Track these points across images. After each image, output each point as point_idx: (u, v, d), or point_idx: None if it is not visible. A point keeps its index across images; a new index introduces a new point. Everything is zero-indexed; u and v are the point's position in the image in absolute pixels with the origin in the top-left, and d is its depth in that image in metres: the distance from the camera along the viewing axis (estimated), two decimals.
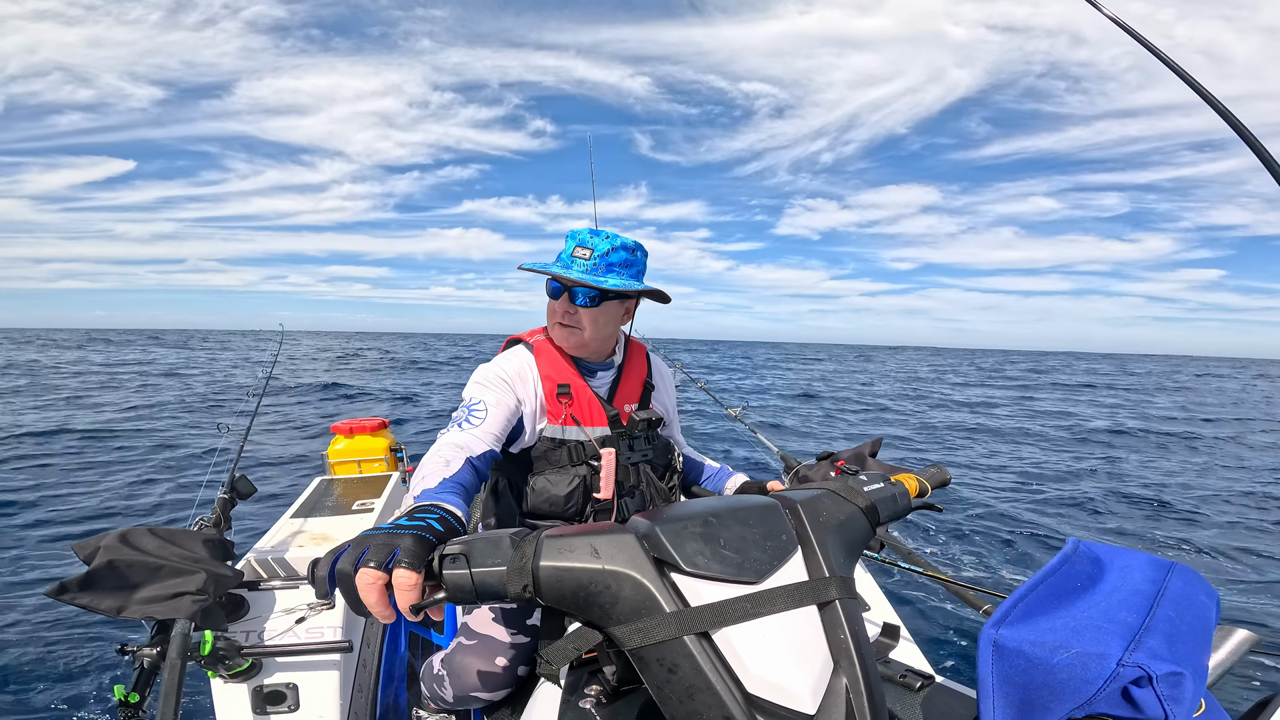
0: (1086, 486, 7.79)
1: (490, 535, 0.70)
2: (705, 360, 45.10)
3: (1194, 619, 0.58)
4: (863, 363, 54.53)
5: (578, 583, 0.65)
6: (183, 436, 9.44)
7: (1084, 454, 10.40)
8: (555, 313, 1.44)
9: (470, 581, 0.67)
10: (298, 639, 1.49)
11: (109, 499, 6.22)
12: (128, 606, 1.20)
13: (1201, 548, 5.56)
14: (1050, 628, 0.56)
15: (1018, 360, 65.60)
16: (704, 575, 0.65)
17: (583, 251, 1.41)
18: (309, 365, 19.61)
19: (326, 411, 12.26)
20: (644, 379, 1.61)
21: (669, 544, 0.67)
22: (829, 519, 0.76)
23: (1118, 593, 0.60)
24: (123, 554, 1.29)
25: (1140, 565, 0.66)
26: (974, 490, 7.27)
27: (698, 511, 0.72)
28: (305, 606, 1.56)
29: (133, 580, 1.25)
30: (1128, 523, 6.33)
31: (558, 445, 1.42)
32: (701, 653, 0.60)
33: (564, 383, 1.44)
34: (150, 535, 1.39)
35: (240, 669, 1.39)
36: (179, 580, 1.28)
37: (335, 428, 3.17)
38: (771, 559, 0.68)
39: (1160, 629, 0.54)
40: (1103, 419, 15.50)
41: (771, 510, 0.74)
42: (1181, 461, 10.00)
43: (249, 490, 2.30)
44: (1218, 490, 7.86)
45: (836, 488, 0.84)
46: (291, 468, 7.55)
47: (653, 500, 1.51)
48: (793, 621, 0.64)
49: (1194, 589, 0.62)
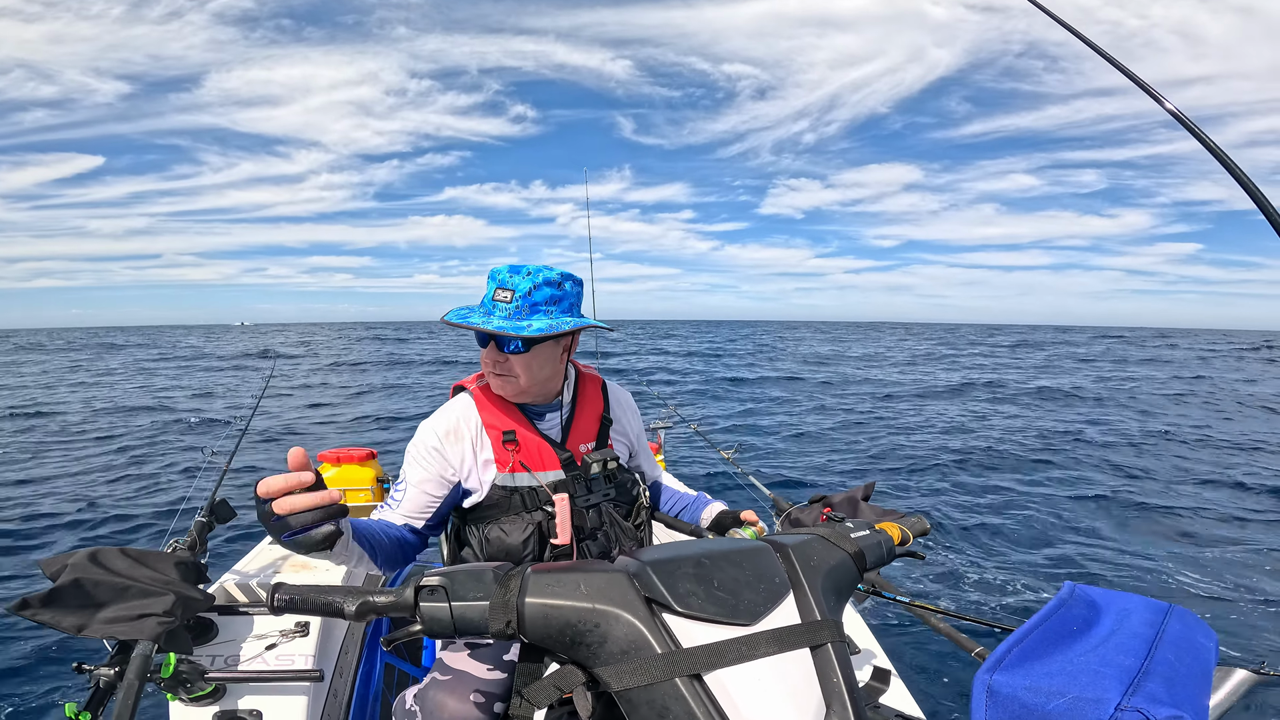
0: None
1: (472, 568, 0.68)
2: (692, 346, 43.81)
3: (1193, 661, 0.57)
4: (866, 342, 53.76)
5: (565, 621, 0.63)
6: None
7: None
8: (487, 363, 1.37)
9: (449, 615, 0.65)
10: (266, 665, 1.44)
11: (77, 513, 6.11)
12: (89, 625, 1.16)
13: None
14: (1046, 673, 0.55)
15: (1007, 333, 66.24)
16: (697, 616, 0.63)
17: (503, 294, 1.32)
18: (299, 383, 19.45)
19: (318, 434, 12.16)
20: (600, 413, 1.53)
21: (661, 584, 0.65)
22: (820, 563, 0.76)
23: (1115, 636, 0.59)
24: (90, 572, 1.25)
25: (1137, 609, 0.65)
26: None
27: (690, 553, 0.71)
28: (278, 633, 1.51)
29: (98, 599, 1.21)
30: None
31: (509, 493, 1.36)
32: (694, 695, 0.58)
33: (509, 429, 1.39)
34: (121, 556, 1.35)
35: (203, 693, 1.34)
36: (146, 601, 1.24)
37: (322, 456, 3.12)
38: (765, 601, 0.67)
39: (1159, 672, 0.53)
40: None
41: (763, 553, 0.74)
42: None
43: (228, 515, 2.25)
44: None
45: (825, 533, 0.84)
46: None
47: (618, 541, 1.46)
48: (786, 664, 0.63)
49: (1192, 631, 0.61)
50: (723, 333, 74.63)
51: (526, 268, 1.34)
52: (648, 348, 40.96)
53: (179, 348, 40.71)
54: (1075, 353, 35.52)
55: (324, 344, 44.78)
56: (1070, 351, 36.30)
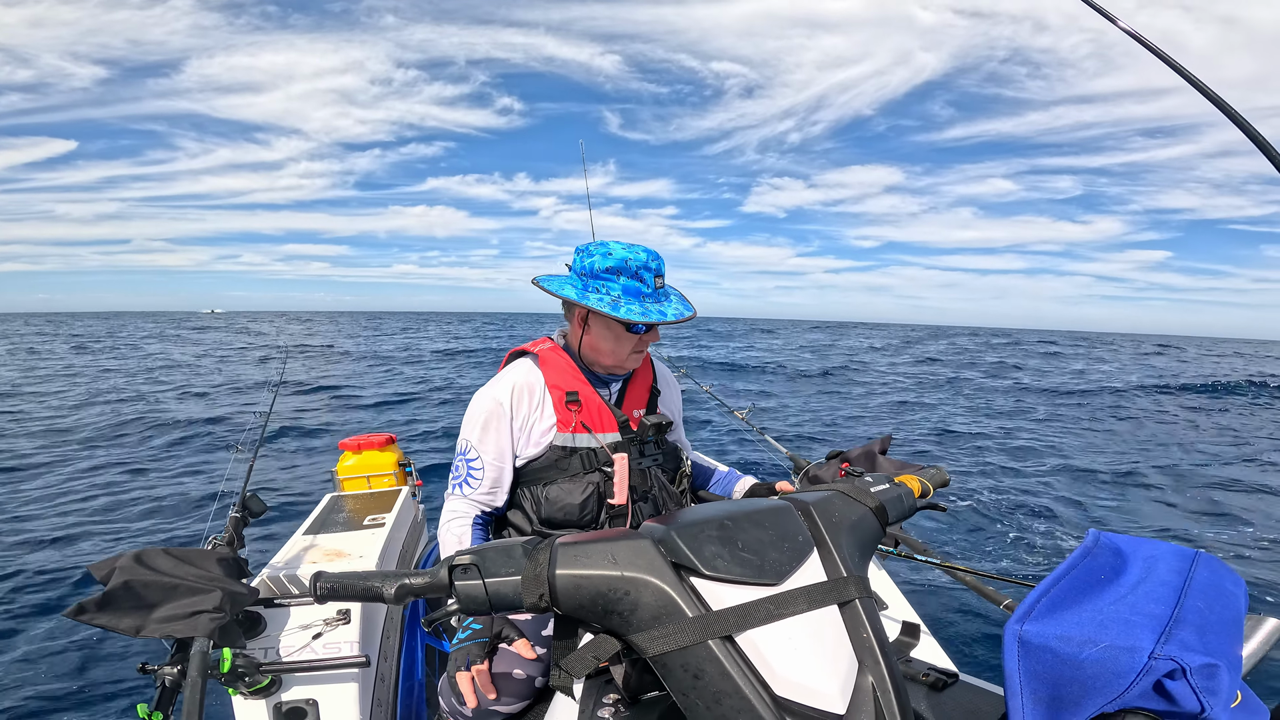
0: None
1: (501, 544, 0.70)
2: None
3: (1223, 609, 0.56)
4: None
5: (596, 590, 0.64)
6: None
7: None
8: (633, 343, 1.44)
9: (484, 592, 0.66)
10: (315, 655, 1.49)
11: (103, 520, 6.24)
12: (146, 625, 1.20)
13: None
14: (1076, 622, 0.55)
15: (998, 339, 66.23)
16: (724, 578, 0.64)
17: (660, 280, 1.41)
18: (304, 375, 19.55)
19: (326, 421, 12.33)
20: (650, 384, 1.60)
21: (687, 548, 0.66)
22: (841, 520, 0.76)
23: (1143, 585, 0.59)
24: (138, 574, 1.30)
25: (1164, 556, 0.65)
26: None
27: (713, 515, 0.72)
28: (321, 622, 1.56)
29: (149, 600, 1.26)
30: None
31: (569, 453, 1.41)
32: (727, 656, 0.59)
33: (572, 390, 1.44)
34: (165, 555, 1.40)
35: (260, 685, 1.39)
36: (195, 599, 1.28)
37: (343, 444, 3.17)
38: (790, 560, 0.68)
39: (1190, 620, 0.53)
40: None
41: (785, 512, 0.74)
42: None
43: (260, 509, 2.31)
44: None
45: (845, 489, 0.84)
46: (297, 486, 7.57)
47: (665, 505, 1.50)
48: (815, 622, 0.64)
49: (1221, 578, 0.61)
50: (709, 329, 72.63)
51: (645, 249, 1.42)
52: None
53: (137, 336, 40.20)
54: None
55: (310, 333, 45.01)
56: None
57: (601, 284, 1.40)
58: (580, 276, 1.44)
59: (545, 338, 1.57)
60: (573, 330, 1.52)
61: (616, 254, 1.39)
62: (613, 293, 1.39)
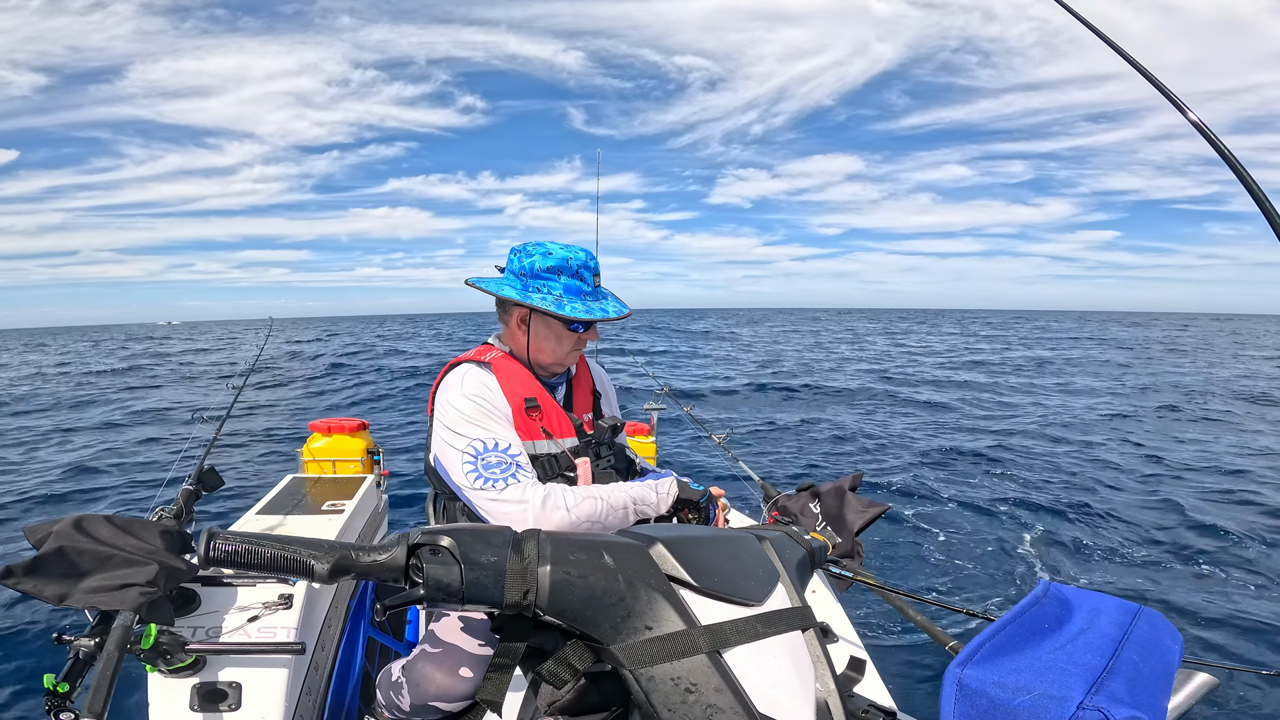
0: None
1: (476, 528, 0.60)
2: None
3: (1157, 662, 0.58)
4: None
5: (590, 593, 0.59)
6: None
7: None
8: (574, 341, 1.45)
9: (459, 580, 0.56)
10: (247, 638, 1.44)
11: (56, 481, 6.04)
12: (71, 594, 1.15)
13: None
14: (1015, 669, 0.56)
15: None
16: (714, 594, 0.64)
17: (599, 280, 1.44)
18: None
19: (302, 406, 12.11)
20: (592, 387, 1.62)
21: (680, 561, 0.64)
22: (791, 556, 0.81)
23: (1084, 636, 0.61)
24: (75, 540, 1.25)
25: (1108, 609, 0.66)
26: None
27: (696, 534, 0.73)
28: (260, 605, 1.51)
29: (81, 568, 1.21)
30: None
31: (531, 461, 1.38)
32: (719, 672, 0.59)
33: (530, 396, 1.42)
34: (106, 523, 1.35)
35: (182, 665, 1.34)
36: (129, 571, 1.24)
37: (313, 425, 3.11)
38: (765, 584, 0.70)
39: (1123, 672, 0.54)
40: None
41: (752, 541, 0.78)
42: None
43: (216, 483, 2.24)
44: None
45: (788, 532, 0.90)
46: (260, 462, 7.41)
47: None
48: (791, 644, 0.66)
49: (1159, 633, 0.63)
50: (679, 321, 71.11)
51: (583, 249, 1.44)
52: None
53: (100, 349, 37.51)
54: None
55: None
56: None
57: (542, 283, 1.40)
58: (518, 277, 1.43)
59: (487, 344, 1.53)
60: (514, 333, 1.48)
61: (557, 254, 1.41)
62: (555, 292, 1.40)
